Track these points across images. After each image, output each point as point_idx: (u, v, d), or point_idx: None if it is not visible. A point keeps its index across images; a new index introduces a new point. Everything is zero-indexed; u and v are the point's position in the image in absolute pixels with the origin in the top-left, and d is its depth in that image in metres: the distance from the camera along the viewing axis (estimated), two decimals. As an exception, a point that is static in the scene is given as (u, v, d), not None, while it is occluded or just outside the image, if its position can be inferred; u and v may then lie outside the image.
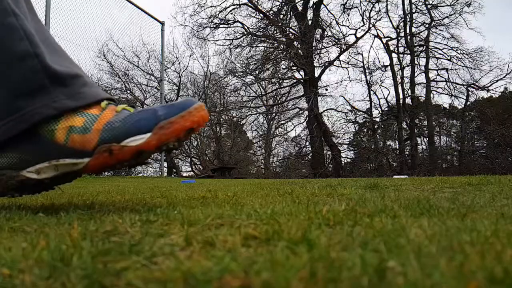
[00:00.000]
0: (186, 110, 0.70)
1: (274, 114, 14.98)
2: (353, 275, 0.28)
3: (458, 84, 13.41)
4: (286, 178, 10.16)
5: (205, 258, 0.35)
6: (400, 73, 13.50)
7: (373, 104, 13.74)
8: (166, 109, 0.70)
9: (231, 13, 13.15)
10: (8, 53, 0.71)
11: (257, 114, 14.34)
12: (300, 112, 14.05)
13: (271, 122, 15.49)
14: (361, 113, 13.99)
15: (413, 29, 13.58)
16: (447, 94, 13.81)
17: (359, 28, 13.22)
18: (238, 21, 13.29)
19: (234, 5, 13.06)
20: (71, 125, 0.71)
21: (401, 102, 13.11)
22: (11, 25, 0.72)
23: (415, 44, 13.64)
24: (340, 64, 13.35)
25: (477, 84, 13.12)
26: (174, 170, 11.21)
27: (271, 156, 15.38)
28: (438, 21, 13.36)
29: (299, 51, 12.75)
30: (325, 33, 13.47)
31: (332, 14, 13.45)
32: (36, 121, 0.70)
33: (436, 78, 13.74)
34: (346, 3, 13.10)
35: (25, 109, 0.71)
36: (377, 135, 14.62)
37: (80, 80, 0.76)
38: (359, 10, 13.20)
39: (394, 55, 13.45)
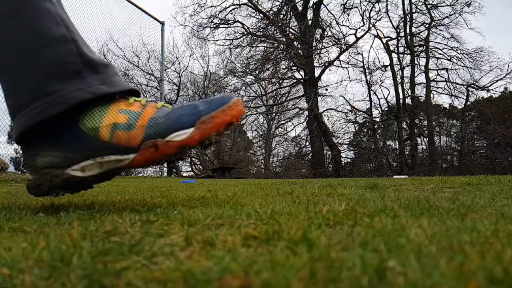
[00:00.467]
0: (226, 105, 0.73)
1: (274, 114, 14.99)
2: (353, 275, 0.28)
3: (458, 84, 13.42)
4: (286, 178, 10.16)
5: (205, 258, 0.35)
6: (400, 73, 13.51)
7: (373, 104, 13.75)
8: (206, 104, 0.73)
9: (231, 13, 13.16)
10: (45, 35, 0.71)
11: (257, 114, 14.35)
12: (300, 112, 14.07)
13: (271, 122, 15.50)
14: (361, 113, 14.00)
15: (413, 29, 13.59)
16: (447, 94, 13.82)
17: (359, 28, 13.23)
18: (238, 21, 13.30)
19: (234, 5, 13.06)
20: (115, 122, 0.72)
21: (401, 102, 13.11)
22: (47, 10, 0.73)
23: (415, 44, 13.64)
24: (340, 64, 13.36)
25: (477, 84, 13.12)
26: (174, 170, 11.21)
27: (271, 156, 15.38)
28: (438, 21, 13.37)
29: (299, 51, 12.75)
30: (325, 33, 13.48)
31: (332, 14, 13.45)
32: (72, 104, 0.70)
33: (436, 78, 13.75)
34: (346, 3, 13.11)
35: (60, 92, 0.70)
36: (377, 135, 14.62)
37: (111, 69, 0.78)
38: (359, 10, 13.21)
39: (394, 55, 13.45)
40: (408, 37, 13.33)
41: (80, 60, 0.72)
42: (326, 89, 13.36)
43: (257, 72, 13.22)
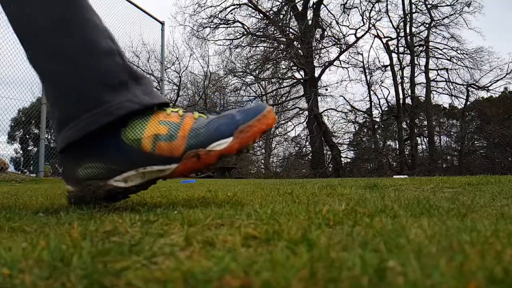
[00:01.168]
0: (261, 114, 0.77)
1: (274, 114, 14.95)
2: (353, 275, 0.28)
3: (458, 84, 13.42)
4: (286, 178, 10.16)
5: (205, 258, 0.35)
6: (400, 73, 13.52)
7: (373, 104, 13.76)
8: (243, 113, 0.76)
9: (231, 13, 13.16)
10: (95, 46, 0.73)
11: (257, 114, 14.30)
12: (300, 112, 14.07)
13: (271, 122, 15.45)
14: (361, 113, 14.00)
15: (413, 29, 13.60)
16: (447, 94, 13.84)
17: (359, 28, 13.24)
18: (238, 21, 13.30)
19: (234, 5, 13.07)
20: (157, 133, 0.74)
21: (401, 102, 13.12)
22: (95, 23, 0.75)
23: (415, 44, 13.64)
24: (340, 64, 13.37)
25: (477, 84, 13.13)
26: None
27: (271, 156, 15.39)
28: (438, 21, 13.38)
29: (299, 51, 12.75)
30: (325, 33, 13.48)
31: (332, 14, 13.46)
32: (121, 114, 0.72)
33: (436, 78, 13.76)
34: (346, 3, 13.11)
35: (109, 102, 0.72)
36: (377, 135, 14.62)
37: (148, 80, 0.79)
38: (359, 10, 13.22)
39: (394, 55, 13.46)
40: (408, 37, 13.33)
41: (126, 72, 0.74)
42: (326, 89, 13.38)
43: (257, 72, 13.23)
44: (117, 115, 0.71)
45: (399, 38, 13.52)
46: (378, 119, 14.37)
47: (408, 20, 13.36)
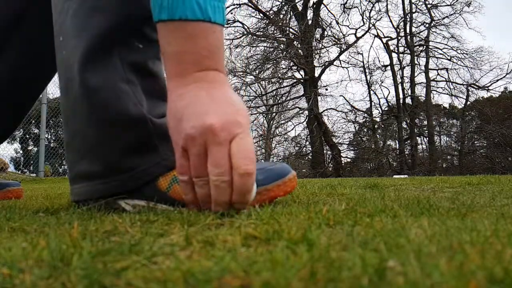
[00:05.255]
0: (282, 180, 0.74)
1: (274, 114, 14.98)
2: (353, 274, 0.28)
3: (458, 84, 13.43)
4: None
5: (205, 258, 0.35)
6: (400, 73, 13.52)
7: (373, 104, 13.76)
8: (264, 174, 0.73)
9: (231, 13, 13.15)
10: (124, 116, 0.70)
11: (257, 114, 14.34)
12: (300, 112, 14.06)
13: (271, 122, 15.49)
14: (361, 113, 14.01)
15: (413, 29, 13.60)
16: (447, 94, 13.84)
17: (359, 28, 13.24)
18: (238, 20, 13.30)
19: (234, 4, 13.06)
20: (175, 175, 0.71)
21: (401, 101, 13.12)
22: (126, 91, 0.71)
23: (415, 44, 13.64)
24: (340, 64, 13.37)
25: (477, 83, 13.13)
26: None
27: (271, 156, 15.37)
28: (438, 21, 13.38)
29: (299, 50, 12.75)
30: (325, 33, 13.48)
31: (332, 14, 13.46)
32: (146, 180, 0.71)
33: (436, 78, 13.76)
34: (346, 3, 13.11)
35: (136, 168, 0.71)
36: (377, 135, 14.62)
37: None
38: (359, 10, 13.21)
39: (394, 55, 13.46)
40: (408, 37, 13.33)
41: (155, 135, 0.72)
42: (326, 89, 13.38)
43: (257, 72, 13.22)
44: (143, 181, 0.71)
45: (399, 38, 13.53)
46: (378, 119, 14.38)
47: (408, 20, 13.36)
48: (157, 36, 0.66)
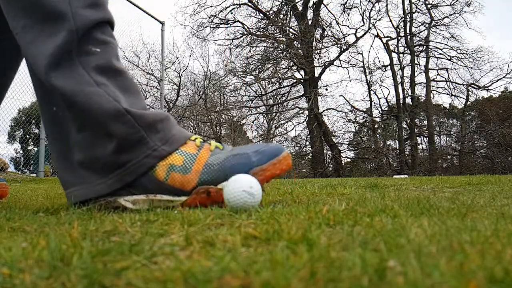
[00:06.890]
0: (276, 158, 0.77)
1: (274, 114, 14.98)
2: (353, 274, 0.28)
3: (458, 83, 13.42)
4: (286, 178, 10.15)
5: (205, 258, 0.35)
6: (400, 73, 13.51)
7: (373, 103, 13.76)
8: (258, 155, 0.76)
9: (231, 13, 13.16)
10: (102, 115, 0.72)
11: (257, 114, 14.35)
12: (300, 111, 14.06)
13: (271, 122, 15.49)
14: (361, 112, 14.01)
15: (413, 29, 13.59)
16: (447, 94, 13.84)
17: (359, 28, 13.23)
18: (238, 21, 13.30)
19: (234, 5, 13.07)
20: (172, 163, 0.74)
21: (401, 101, 13.12)
22: (96, 92, 0.73)
23: (415, 44, 13.64)
24: (340, 64, 13.36)
25: (477, 83, 13.13)
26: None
27: (271, 156, 15.33)
28: (438, 21, 13.37)
29: (299, 51, 12.75)
30: (325, 32, 13.47)
31: (332, 14, 13.46)
32: (141, 172, 0.73)
33: (436, 78, 13.75)
34: (346, 3, 13.10)
35: (129, 163, 0.73)
36: (377, 135, 14.62)
37: (167, 123, 0.78)
38: (359, 10, 13.21)
39: (394, 54, 13.46)
40: (408, 37, 13.33)
41: (140, 127, 0.74)
42: (326, 89, 13.38)
43: (257, 72, 13.22)
44: (138, 173, 0.73)
45: (399, 38, 13.52)
46: (378, 119, 14.39)
47: (408, 19, 13.35)
48: (109, 37, 0.72)
